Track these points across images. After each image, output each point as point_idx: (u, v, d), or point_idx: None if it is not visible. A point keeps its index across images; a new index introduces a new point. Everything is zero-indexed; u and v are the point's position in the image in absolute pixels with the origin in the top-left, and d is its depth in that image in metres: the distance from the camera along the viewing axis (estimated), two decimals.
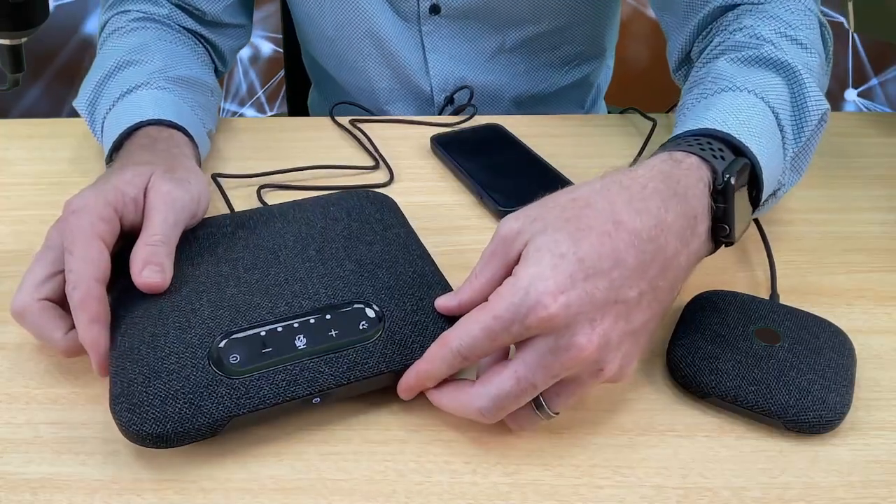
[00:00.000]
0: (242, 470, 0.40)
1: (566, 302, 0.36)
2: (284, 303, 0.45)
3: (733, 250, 0.57)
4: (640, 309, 0.39)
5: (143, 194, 0.48)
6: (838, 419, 0.42)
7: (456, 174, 0.66)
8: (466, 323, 0.39)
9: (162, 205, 0.47)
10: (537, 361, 0.37)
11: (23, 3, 0.54)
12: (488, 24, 0.80)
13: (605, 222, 0.39)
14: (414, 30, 0.80)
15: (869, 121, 0.77)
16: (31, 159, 0.69)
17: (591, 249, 0.38)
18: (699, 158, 0.45)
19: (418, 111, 0.86)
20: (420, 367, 0.41)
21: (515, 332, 0.37)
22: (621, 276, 0.38)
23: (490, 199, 0.61)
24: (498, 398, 0.39)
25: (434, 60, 0.81)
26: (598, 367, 0.38)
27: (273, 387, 0.40)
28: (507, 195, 0.61)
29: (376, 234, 0.50)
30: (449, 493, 0.39)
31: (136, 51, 0.65)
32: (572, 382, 0.39)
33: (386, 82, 0.84)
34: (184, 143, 0.58)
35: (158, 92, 0.62)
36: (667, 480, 0.40)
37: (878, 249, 0.58)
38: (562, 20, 0.81)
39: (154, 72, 0.63)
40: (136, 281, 0.44)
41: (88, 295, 0.42)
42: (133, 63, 0.64)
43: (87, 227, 0.44)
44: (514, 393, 0.38)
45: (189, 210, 0.49)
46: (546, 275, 0.37)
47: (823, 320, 0.47)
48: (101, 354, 0.42)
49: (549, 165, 0.66)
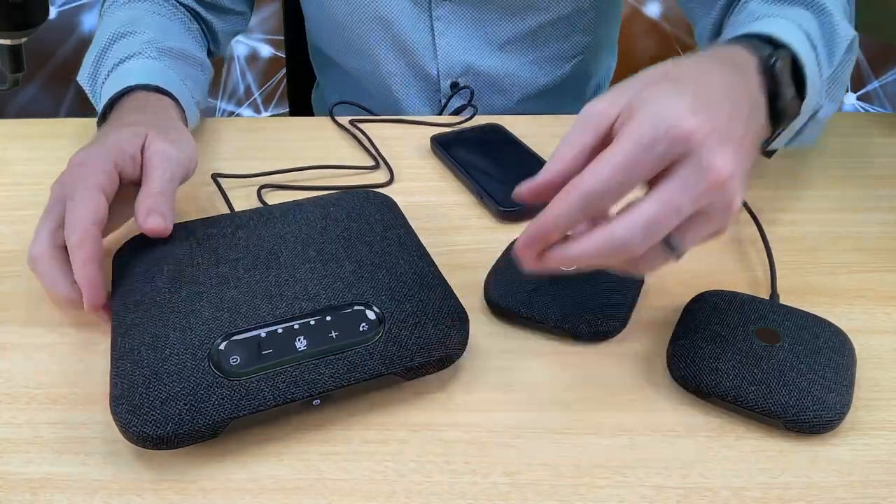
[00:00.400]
0: (242, 470, 0.41)
1: (701, 122, 0.36)
2: (285, 304, 0.45)
3: (733, 250, 0.57)
4: (746, 150, 0.39)
5: (141, 152, 0.51)
6: (838, 419, 0.42)
7: (456, 174, 0.66)
8: (598, 163, 0.37)
9: (160, 161, 0.51)
10: (680, 184, 0.37)
11: (23, 3, 0.54)
12: (498, 12, 0.81)
13: (697, 73, 0.40)
14: (425, 14, 0.81)
15: (869, 121, 0.77)
16: (31, 159, 0.69)
17: (698, 89, 0.38)
18: (744, 48, 0.46)
19: (424, 96, 0.86)
20: (546, 217, 0.38)
21: (660, 152, 0.36)
22: (728, 114, 0.38)
23: (490, 199, 0.61)
24: (646, 223, 0.37)
25: (443, 45, 0.82)
26: (730, 198, 0.38)
27: (273, 388, 0.40)
28: (507, 195, 0.61)
29: (376, 234, 0.50)
30: (449, 493, 0.39)
31: (130, 23, 0.69)
32: (703, 218, 0.38)
33: (393, 66, 0.85)
34: (172, 107, 0.61)
35: (148, 61, 0.65)
36: (667, 480, 0.40)
37: (878, 249, 0.58)
38: (568, 7, 0.82)
39: (145, 42, 0.66)
40: (141, 226, 0.48)
41: (85, 236, 0.45)
42: (127, 35, 0.68)
43: (89, 178, 0.48)
44: (660, 217, 0.37)
45: (183, 167, 0.53)
46: (670, 103, 0.37)
47: (823, 320, 0.47)
48: (95, 293, 0.46)
49: None
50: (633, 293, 0.50)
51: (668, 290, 0.53)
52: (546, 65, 0.86)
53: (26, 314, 0.51)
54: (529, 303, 0.49)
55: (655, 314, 0.51)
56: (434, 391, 0.45)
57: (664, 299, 0.52)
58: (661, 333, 0.49)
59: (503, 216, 0.60)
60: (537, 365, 0.47)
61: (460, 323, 0.45)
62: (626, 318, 0.49)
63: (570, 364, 0.47)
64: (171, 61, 0.66)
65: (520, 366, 0.47)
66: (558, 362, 0.47)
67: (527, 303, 0.49)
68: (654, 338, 0.49)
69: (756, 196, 0.63)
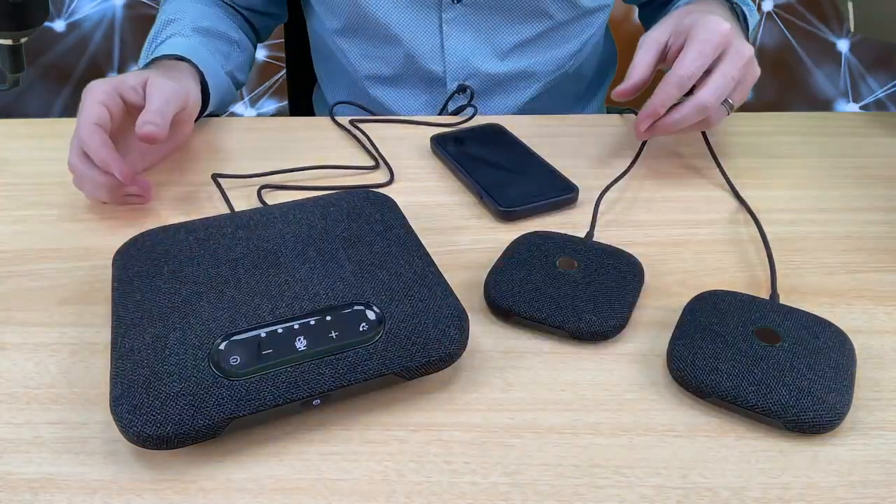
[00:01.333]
0: (242, 470, 0.41)
1: (729, 27, 0.61)
2: (284, 304, 0.45)
3: (733, 250, 0.57)
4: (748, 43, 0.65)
5: (143, 88, 0.61)
6: (838, 419, 0.42)
7: (456, 174, 0.66)
8: (684, 60, 0.60)
9: (157, 90, 0.60)
10: (730, 63, 0.61)
11: (23, 3, 0.54)
12: (508, 17, 0.82)
13: (707, 8, 0.68)
14: (434, 16, 0.81)
15: (869, 121, 0.77)
16: (31, 159, 0.69)
17: (715, 14, 0.65)
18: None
19: (429, 97, 0.87)
20: (655, 100, 0.61)
21: (716, 45, 0.60)
22: (732, 25, 0.63)
23: (490, 199, 0.61)
24: (718, 89, 0.60)
25: (451, 47, 0.83)
26: (755, 71, 0.63)
27: (273, 389, 0.40)
28: (507, 195, 0.61)
29: (376, 234, 0.50)
30: (449, 493, 0.39)
31: (176, 11, 0.79)
32: (742, 85, 0.63)
33: (400, 68, 0.85)
34: (186, 69, 0.69)
35: (180, 38, 0.74)
36: (667, 480, 0.40)
37: (878, 249, 0.58)
38: (574, 12, 0.84)
39: (183, 24, 0.76)
40: (138, 133, 0.57)
41: (93, 132, 0.57)
42: (171, 21, 0.77)
43: (95, 96, 0.59)
44: (725, 84, 0.61)
45: (180, 96, 0.62)
46: (711, 19, 0.62)
47: (823, 320, 0.47)
48: (119, 166, 0.57)
49: (550, 165, 0.66)
50: (633, 293, 0.50)
51: (668, 290, 0.53)
52: (549, 65, 0.87)
53: (26, 314, 0.51)
54: (529, 303, 0.49)
55: (655, 314, 0.51)
56: (434, 391, 0.45)
57: (664, 299, 0.52)
58: (661, 333, 0.49)
59: (503, 216, 0.60)
60: (537, 365, 0.47)
61: (460, 323, 0.45)
62: (626, 318, 0.49)
63: (570, 364, 0.47)
64: (202, 38, 0.75)
65: (520, 366, 0.47)
66: (558, 362, 0.47)
67: (527, 303, 0.49)
68: (654, 338, 0.49)
69: (756, 196, 0.63)
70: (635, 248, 0.56)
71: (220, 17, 0.83)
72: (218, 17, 0.82)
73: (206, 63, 0.73)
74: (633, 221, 0.61)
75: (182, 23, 0.76)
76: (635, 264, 0.53)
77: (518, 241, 0.55)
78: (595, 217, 0.59)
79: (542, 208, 0.61)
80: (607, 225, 0.60)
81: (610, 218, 0.61)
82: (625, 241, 0.58)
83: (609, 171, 0.67)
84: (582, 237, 0.55)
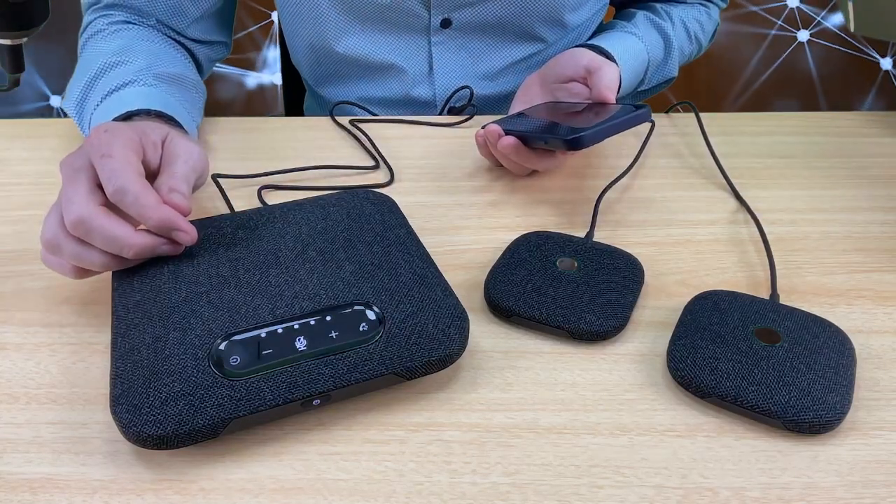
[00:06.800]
0: (242, 470, 0.41)
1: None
2: (284, 304, 0.45)
3: (733, 250, 0.57)
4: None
5: (162, 144, 0.51)
6: (838, 419, 0.42)
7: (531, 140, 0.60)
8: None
9: (182, 152, 0.51)
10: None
11: (23, 3, 0.54)
12: (497, 40, 0.81)
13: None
14: (423, 41, 0.80)
15: (869, 121, 0.77)
16: (31, 159, 0.69)
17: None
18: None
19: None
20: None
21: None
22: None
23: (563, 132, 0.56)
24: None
25: (440, 71, 0.82)
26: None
27: (273, 389, 0.40)
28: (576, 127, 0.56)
29: (376, 234, 0.50)
30: (449, 493, 0.39)
31: (121, 52, 0.67)
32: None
33: (388, 91, 0.84)
34: (175, 128, 0.58)
35: (146, 88, 0.63)
36: (667, 480, 0.40)
37: (878, 249, 0.58)
38: (566, 36, 0.83)
39: (140, 70, 0.65)
40: (164, 199, 0.46)
41: (145, 187, 0.45)
42: (119, 64, 0.66)
43: (123, 140, 0.47)
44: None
45: (201, 164, 0.52)
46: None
47: (823, 320, 0.47)
48: (182, 217, 0.46)
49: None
50: (633, 293, 0.50)
51: (668, 290, 0.53)
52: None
53: (26, 314, 0.51)
54: (529, 303, 0.49)
55: (655, 314, 0.51)
56: (434, 391, 0.45)
57: (664, 299, 0.52)
58: (661, 333, 0.49)
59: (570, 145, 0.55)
60: (537, 365, 0.47)
61: (460, 323, 0.45)
62: (626, 318, 0.49)
63: (569, 364, 0.47)
64: (168, 86, 0.65)
65: (520, 366, 0.47)
66: (558, 362, 0.47)
67: (527, 303, 0.49)
68: (654, 338, 0.49)
69: (756, 196, 0.63)
70: (635, 248, 0.57)
71: (173, 55, 0.72)
72: (172, 58, 0.71)
73: (184, 119, 0.63)
74: (633, 221, 0.61)
75: (135, 66, 0.65)
76: (635, 264, 0.53)
77: (518, 241, 0.55)
78: (595, 217, 0.59)
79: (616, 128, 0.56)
80: (607, 225, 0.60)
81: (610, 218, 0.61)
82: (625, 241, 0.58)
83: (609, 171, 0.67)
84: (582, 237, 0.55)
